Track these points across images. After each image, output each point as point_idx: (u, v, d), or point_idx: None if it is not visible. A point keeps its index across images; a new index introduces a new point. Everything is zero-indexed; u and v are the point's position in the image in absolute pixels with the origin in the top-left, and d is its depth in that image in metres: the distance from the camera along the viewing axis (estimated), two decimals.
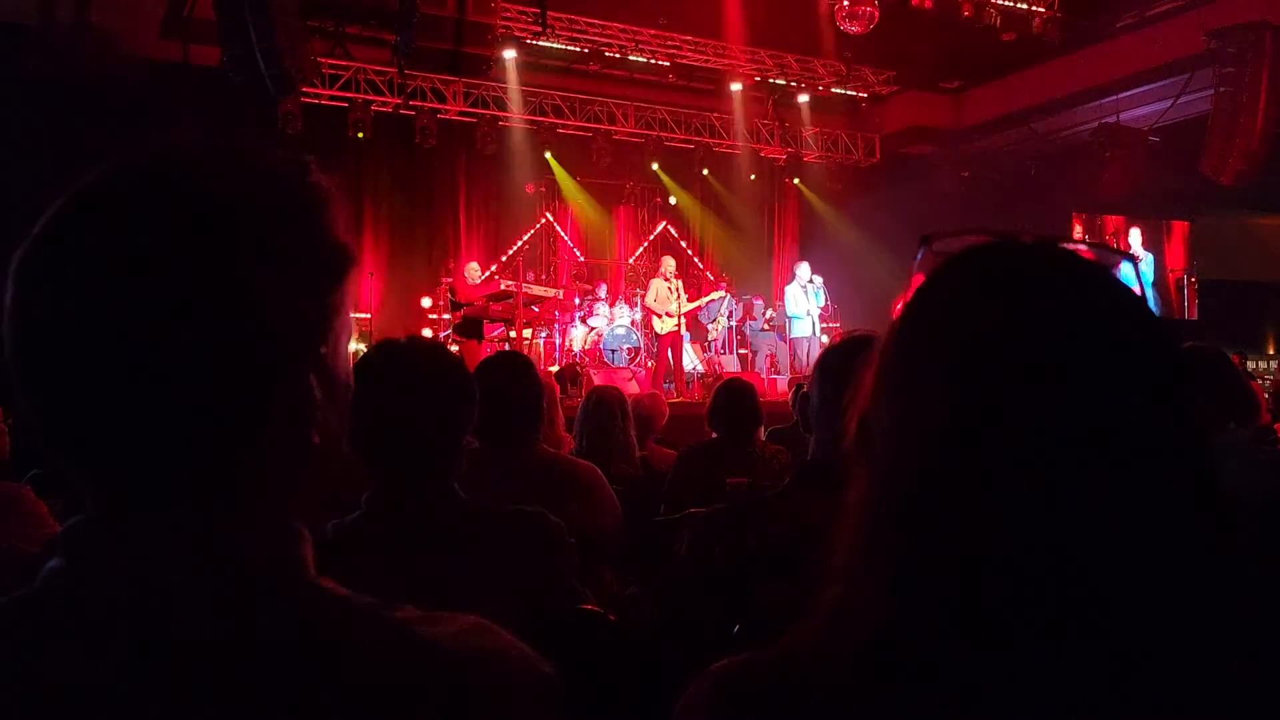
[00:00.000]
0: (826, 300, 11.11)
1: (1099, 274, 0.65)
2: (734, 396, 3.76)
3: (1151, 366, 0.62)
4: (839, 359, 1.78)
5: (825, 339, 10.71)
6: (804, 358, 10.91)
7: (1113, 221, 14.66)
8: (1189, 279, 15.39)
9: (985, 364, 0.62)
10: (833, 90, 13.33)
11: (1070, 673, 0.57)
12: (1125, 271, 0.67)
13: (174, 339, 0.61)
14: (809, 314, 10.87)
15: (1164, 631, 0.58)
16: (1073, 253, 0.67)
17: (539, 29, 11.05)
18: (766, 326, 12.57)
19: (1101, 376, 0.60)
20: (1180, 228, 15.42)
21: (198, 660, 0.60)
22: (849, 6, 9.84)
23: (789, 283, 11.33)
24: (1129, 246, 14.81)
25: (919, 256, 0.71)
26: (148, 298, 0.61)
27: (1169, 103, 11.50)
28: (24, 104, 9.42)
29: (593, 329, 11.29)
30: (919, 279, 0.69)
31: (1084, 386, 0.60)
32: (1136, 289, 0.66)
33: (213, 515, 0.64)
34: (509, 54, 11.60)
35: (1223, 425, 2.65)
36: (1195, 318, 15.15)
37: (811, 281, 10.94)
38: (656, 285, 10.50)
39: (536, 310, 10.44)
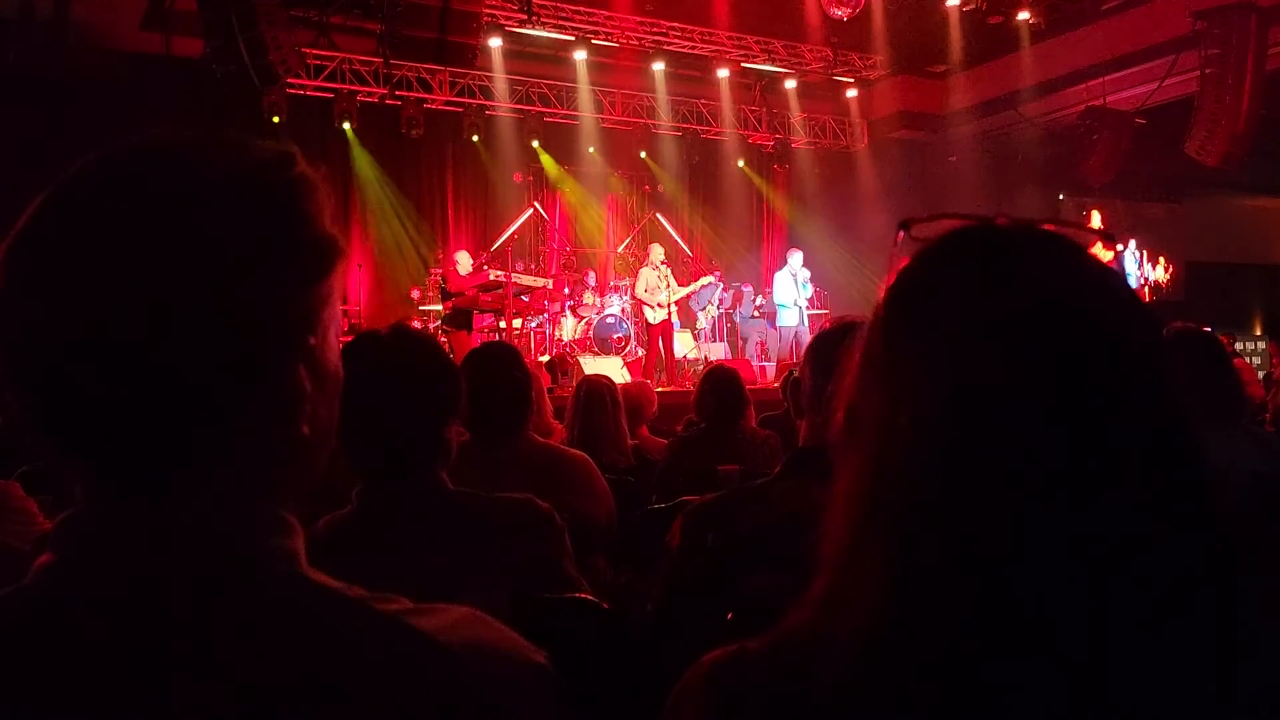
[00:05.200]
0: (811, 293, 11.15)
1: (1077, 253, 0.65)
2: (718, 384, 3.78)
3: (1135, 345, 0.62)
4: (830, 344, 1.78)
5: (805, 329, 10.79)
6: (789, 346, 10.95)
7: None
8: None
9: (968, 347, 0.62)
10: (820, 76, 13.31)
11: (1069, 659, 0.57)
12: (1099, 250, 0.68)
13: (160, 331, 0.61)
14: (795, 303, 10.90)
15: (1163, 614, 0.58)
16: (1050, 233, 0.67)
17: (524, 16, 11.00)
18: (756, 314, 12.57)
19: (1085, 356, 0.60)
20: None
21: (190, 653, 0.60)
22: None
23: (780, 269, 11.33)
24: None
25: (897, 243, 0.71)
26: (133, 290, 0.60)
27: (1155, 85, 11.52)
28: (4, 97, 9.34)
29: (582, 318, 11.27)
30: (898, 265, 0.69)
31: (1068, 366, 0.60)
32: (1129, 271, 0.66)
33: (203, 507, 0.64)
34: (495, 42, 11.54)
35: (1209, 404, 2.65)
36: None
37: (797, 274, 10.96)
38: (646, 274, 10.47)
39: (526, 300, 10.41)
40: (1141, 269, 15.36)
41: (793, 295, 10.89)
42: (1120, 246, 14.56)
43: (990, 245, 0.66)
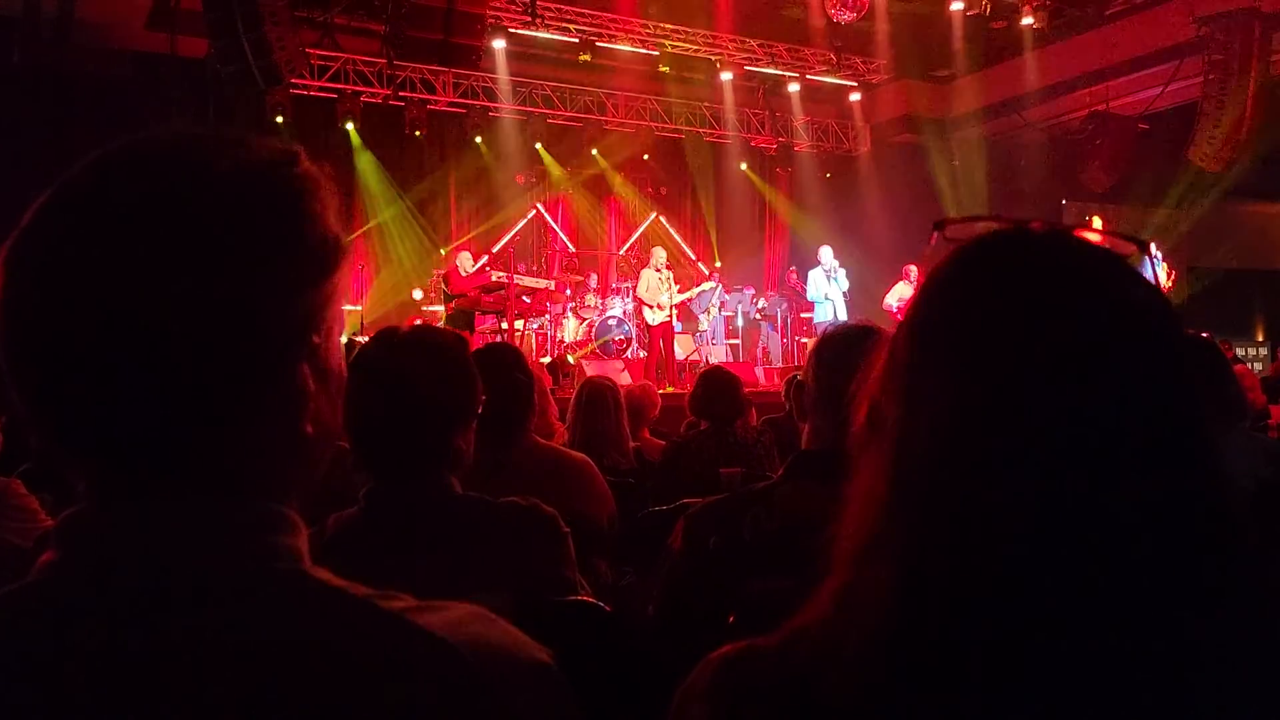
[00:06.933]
0: (847, 285, 10.90)
1: (1111, 261, 0.65)
2: (714, 386, 3.81)
3: (1164, 354, 0.62)
4: (835, 348, 1.78)
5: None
6: None
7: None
8: None
9: (999, 351, 0.62)
10: (823, 79, 13.31)
11: (1082, 659, 0.57)
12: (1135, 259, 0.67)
13: (163, 330, 0.61)
14: (828, 298, 10.81)
15: (1178, 619, 0.58)
16: (1085, 240, 0.67)
17: (528, 19, 11.01)
18: (758, 316, 12.56)
19: (1115, 363, 0.60)
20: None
21: (194, 650, 0.60)
22: None
23: (812, 269, 11.21)
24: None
25: (931, 243, 0.71)
26: (136, 289, 0.60)
27: (1159, 90, 11.52)
28: (10, 97, 9.36)
29: (584, 320, 11.27)
30: (931, 266, 0.69)
31: (1098, 374, 0.60)
32: (1150, 276, 0.66)
33: (207, 506, 0.64)
34: (498, 44, 11.55)
35: (1213, 414, 2.66)
36: None
37: (830, 270, 10.85)
38: (647, 276, 10.47)
39: (528, 302, 10.42)
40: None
41: (824, 290, 10.80)
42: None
43: (1021, 250, 0.66)
